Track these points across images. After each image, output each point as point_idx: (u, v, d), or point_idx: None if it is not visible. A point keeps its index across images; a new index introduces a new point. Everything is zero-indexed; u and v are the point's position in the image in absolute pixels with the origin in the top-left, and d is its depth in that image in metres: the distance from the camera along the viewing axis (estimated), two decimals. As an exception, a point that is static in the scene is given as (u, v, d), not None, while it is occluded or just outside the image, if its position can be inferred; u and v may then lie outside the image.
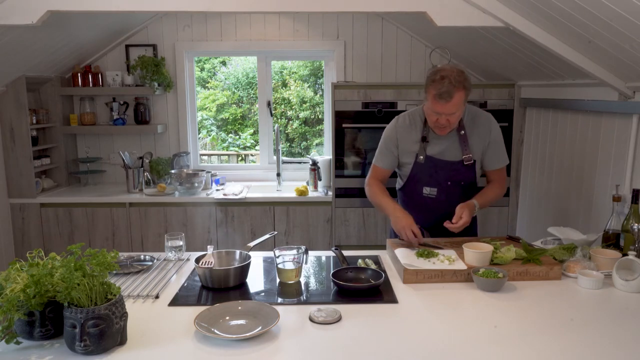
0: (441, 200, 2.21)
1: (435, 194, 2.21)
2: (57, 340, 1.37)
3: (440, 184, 2.20)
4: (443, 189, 2.20)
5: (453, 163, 2.17)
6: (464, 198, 2.18)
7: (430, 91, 1.99)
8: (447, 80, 1.94)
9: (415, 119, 2.21)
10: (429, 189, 2.21)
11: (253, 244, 2.00)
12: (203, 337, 1.39)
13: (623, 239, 1.98)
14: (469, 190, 2.24)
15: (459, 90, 1.95)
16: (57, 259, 1.36)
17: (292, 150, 5.85)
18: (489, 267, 1.79)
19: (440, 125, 2.05)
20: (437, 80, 1.96)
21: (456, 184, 2.20)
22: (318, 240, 3.54)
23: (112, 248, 3.39)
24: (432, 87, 1.98)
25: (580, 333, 1.43)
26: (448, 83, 1.93)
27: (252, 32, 3.88)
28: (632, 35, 1.89)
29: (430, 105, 2.01)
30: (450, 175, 2.19)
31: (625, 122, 2.41)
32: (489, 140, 2.18)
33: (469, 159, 2.15)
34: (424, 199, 2.23)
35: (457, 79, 1.95)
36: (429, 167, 2.19)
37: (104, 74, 3.83)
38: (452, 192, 2.20)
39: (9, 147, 3.41)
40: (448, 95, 1.94)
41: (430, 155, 2.18)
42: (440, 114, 2.00)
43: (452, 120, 2.03)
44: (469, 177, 2.21)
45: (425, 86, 2.03)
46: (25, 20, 2.31)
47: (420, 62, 3.88)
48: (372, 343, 1.37)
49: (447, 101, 1.95)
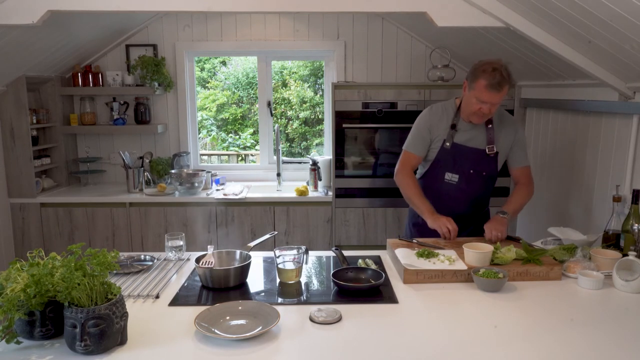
0: (461, 188, 2.29)
1: (456, 181, 2.29)
2: (58, 340, 1.37)
3: (463, 171, 2.29)
4: (465, 176, 2.29)
5: (477, 151, 2.27)
6: (483, 190, 2.32)
7: (481, 81, 2.09)
8: (499, 72, 2.06)
9: (448, 108, 2.33)
10: (451, 174, 2.30)
11: (253, 244, 2.00)
12: (203, 337, 1.39)
13: (623, 239, 1.98)
14: (489, 184, 2.34)
15: (507, 83, 2.09)
16: (58, 259, 1.36)
17: (292, 150, 5.86)
18: (489, 268, 1.79)
19: (481, 113, 2.15)
20: (489, 72, 2.07)
21: (478, 174, 2.29)
22: (318, 240, 3.54)
23: (112, 248, 3.39)
24: (484, 77, 2.08)
25: (581, 333, 1.43)
26: (500, 75, 2.06)
27: (253, 32, 3.88)
28: (632, 36, 1.89)
29: (479, 94, 2.11)
30: (473, 164, 2.28)
31: (625, 122, 2.41)
32: (515, 138, 2.30)
33: (492, 149, 2.26)
34: (445, 184, 2.31)
35: (508, 72, 2.09)
36: (454, 153, 2.28)
37: (104, 74, 3.83)
38: (473, 181, 2.29)
39: (9, 146, 3.41)
40: (499, 86, 2.07)
41: (457, 143, 2.27)
42: (487, 103, 2.11)
43: (493, 110, 2.15)
44: (490, 169, 2.30)
45: (473, 77, 2.13)
46: (26, 20, 2.31)
47: (420, 62, 3.88)
48: (372, 343, 1.37)
49: (499, 91, 2.08)
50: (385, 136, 3.43)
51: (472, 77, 2.14)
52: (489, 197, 2.45)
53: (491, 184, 2.36)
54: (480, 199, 2.39)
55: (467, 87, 2.17)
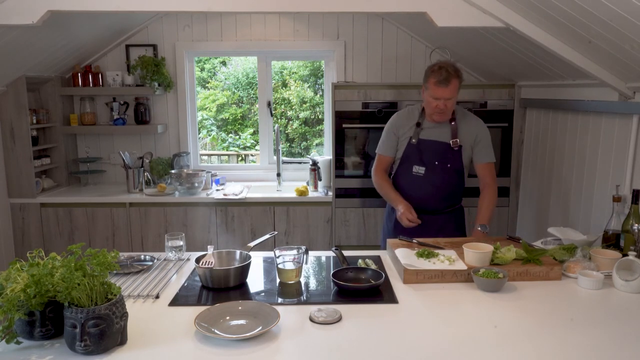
0: (427, 179, 2.46)
1: (422, 173, 2.47)
2: (58, 340, 1.37)
3: (428, 163, 2.46)
4: (430, 168, 2.46)
5: (441, 144, 2.45)
6: (450, 183, 2.47)
7: (431, 80, 2.32)
8: (445, 69, 2.30)
9: (413, 110, 2.56)
10: (418, 167, 2.48)
11: (253, 244, 2.00)
12: (203, 337, 1.39)
13: (623, 239, 1.98)
14: (455, 178, 2.48)
15: (454, 78, 2.30)
16: (58, 259, 1.36)
17: (292, 151, 5.86)
18: (489, 268, 1.79)
19: (439, 110, 2.35)
20: (436, 70, 2.31)
21: (443, 166, 2.45)
22: (318, 240, 3.54)
23: (112, 248, 3.39)
24: (432, 76, 2.32)
25: (580, 333, 1.43)
26: (445, 71, 2.29)
27: (253, 32, 3.88)
28: (632, 36, 1.89)
29: (431, 92, 2.33)
30: (438, 156, 2.45)
31: (625, 122, 2.41)
32: (477, 134, 2.46)
33: (456, 142, 2.43)
34: (413, 177, 2.49)
35: (453, 68, 2.32)
36: (420, 148, 2.47)
37: (104, 74, 3.83)
38: (438, 173, 2.46)
39: (9, 147, 3.41)
40: (447, 81, 2.28)
41: (422, 138, 2.48)
42: (440, 98, 2.32)
43: (448, 105, 2.34)
44: (455, 161, 2.46)
45: (425, 78, 2.37)
46: (26, 20, 2.31)
47: (420, 62, 3.88)
48: (372, 343, 1.37)
49: (446, 86, 2.29)
50: (385, 136, 3.43)
51: (424, 78, 2.38)
52: (461, 194, 2.56)
53: (459, 178, 2.49)
54: (450, 193, 2.51)
55: (424, 89, 2.39)
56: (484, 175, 2.49)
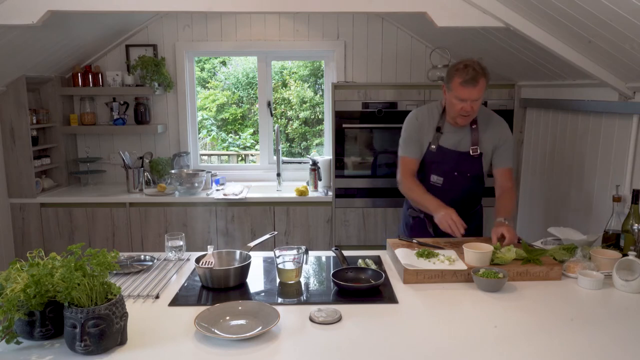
0: (445, 190, 2.30)
1: (440, 183, 2.31)
2: (58, 340, 1.37)
3: (447, 173, 2.30)
4: (449, 178, 2.30)
5: (461, 154, 2.28)
6: (469, 190, 2.33)
7: (456, 80, 2.11)
8: (471, 67, 2.09)
9: (433, 111, 2.33)
10: (436, 177, 2.31)
11: (253, 244, 2.00)
12: (203, 337, 1.39)
13: (623, 239, 1.98)
14: (475, 184, 2.34)
15: (482, 77, 2.10)
16: (58, 259, 1.36)
17: (292, 151, 5.85)
18: (489, 268, 1.79)
19: (464, 112, 2.15)
20: (462, 69, 2.10)
21: (462, 175, 2.30)
22: (318, 240, 3.54)
23: (112, 248, 3.39)
24: (458, 75, 2.10)
25: (580, 333, 1.43)
26: (472, 70, 2.08)
27: (252, 32, 3.88)
28: (632, 35, 1.89)
29: (456, 93, 2.12)
30: (457, 166, 2.29)
31: (625, 122, 2.41)
32: (500, 139, 2.29)
33: (476, 150, 2.26)
34: (430, 186, 2.31)
35: (480, 66, 2.11)
36: (439, 156, 2.29)
37: (104, 74, 3.83)
38: (458, 183, 2.30)
39: (9, 147, 3.41)
40: (474, 81, 2.08)
41: (442, 146, 2.29)
42: (466, 100, 2.12)
43: (475, 107, 2.14)
44: (475, 169, 2.30)
45: (448, 78, 2.16)
46: (26, 20, 2.31)
47: (420, 62, 3.88)
48: (372, 343, 1.37)
49: (474, 86, 2.09)
50: (385, 136, 3.43)
51: (448, 78, 2.17)
52: (480, 196, 2.45)
53: (478, 183, 2.35)
54: (469, 198, 2.39)
55: (446, 90, 2.20)
56: (503, 181, 2.32)
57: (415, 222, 2.44)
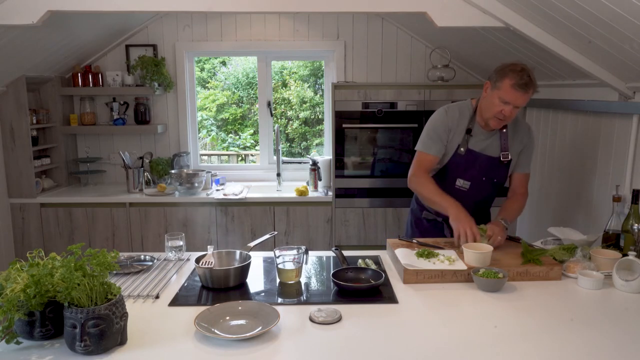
0: (471, 195, 2.23)
1: (467, 188, 2.23)
2: (58, 340, 1.37)
3: (474, 178, 2.22)
4: (476, 183, 2.23)
5: (491, 159, 2.21)
6: (490, 195, 2.30)
7: (508, 80, 2.00)
8: (527, 73, 2.00)
9: (464, 111, 2.23)
10: (463, 181, 2.23)
11: (253, 244, 2.00)
12: (203, 337, 1.39)
13: (623, 239, 1.98)
14: (497, 190, 2.30)
15: (532, 86, 2.02)
16: (57, 259, 1.36)
17: (292, 151, 5.85)
18: (489, 268, 1.79)
19: (503, 115, 2.06)
20: (518, 72, 2.00)
21: (489, 181, 2.24)
22: (318, 240, 3.54)
23: (112, 248, 3.39)
24: (512, 76, 2.00)
25: (580, 333, 1.43)
26: (527, 76, 1.99)
27: (252, 32, 3.88)
28: (632, 36, 1.89)
29: (504, 93, 2.02)
30: (486, 171, 2.22)
31: (625, 122, 2.41)
32: (525, 144, 2.25)
33: (507, 156, 2.20)
34: (455, 190, 2.22)
35: (534, 76, 2.02)
36: (468, 159, 2.20)
37: (104, 74, 3.83)
38: (484, 188, 2.25)
39: (9, 147, 3.41)
40: (526, 87, 1.99)
41: (471, 149, 2.20)
42: (510, 103, 2.02)
43: (513, 113, 2.07)
44: (501, 175, 2.25)
45: (499, 76, 2.04)
46: (26, 20, 2.31)
47: (420, 62, 3.89)
48: (372, 343, 1.37)
49: (524, 92, 2.00)
50: (385, 136, 3.44)
51: (498, 76, 2.04)
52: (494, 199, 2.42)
53: (500, 189, 2.31)
54: (486, 202, 2.37)
55: (490, 87, 2.07)
56: (518, 185, 2.28)
57: (430, 225, 2.36)
